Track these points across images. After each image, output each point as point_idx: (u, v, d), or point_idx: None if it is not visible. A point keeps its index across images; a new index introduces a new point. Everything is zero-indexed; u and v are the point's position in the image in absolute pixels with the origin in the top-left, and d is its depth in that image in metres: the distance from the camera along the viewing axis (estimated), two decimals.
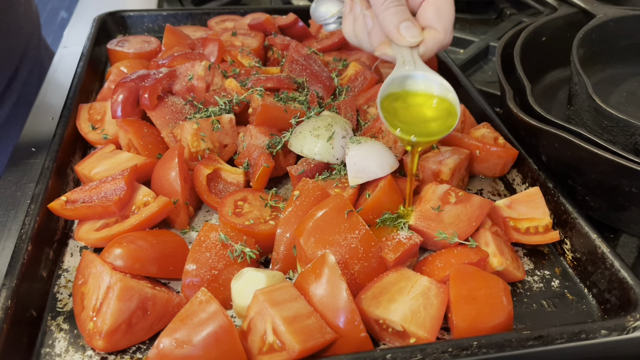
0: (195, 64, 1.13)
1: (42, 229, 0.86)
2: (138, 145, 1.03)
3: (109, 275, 0.77)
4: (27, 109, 1.28)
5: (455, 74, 1.30)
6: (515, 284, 0.89)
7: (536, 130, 0.94)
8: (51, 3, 4.55)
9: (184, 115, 1.08)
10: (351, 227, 0.82)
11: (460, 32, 1.63)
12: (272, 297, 0.73)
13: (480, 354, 0.72)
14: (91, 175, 0.97)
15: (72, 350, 0.76)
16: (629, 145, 0.94)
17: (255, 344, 0.73)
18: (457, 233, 0.86)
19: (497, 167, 1.06)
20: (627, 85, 1.17)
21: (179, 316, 0.72)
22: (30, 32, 1.45)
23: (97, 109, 1.14)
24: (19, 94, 1.40)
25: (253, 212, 0.93)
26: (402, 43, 0.90)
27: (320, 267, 0.76)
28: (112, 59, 1.36)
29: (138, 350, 0.77)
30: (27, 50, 1.44)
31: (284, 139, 1.03)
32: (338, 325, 0.73)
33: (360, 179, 0.94)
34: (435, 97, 0.89)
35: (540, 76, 1.23)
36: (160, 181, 0.95)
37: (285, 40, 1.31)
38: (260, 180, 0.98)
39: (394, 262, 0.82)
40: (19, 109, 1.39)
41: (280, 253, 0.87)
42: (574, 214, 0.91)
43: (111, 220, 0.90)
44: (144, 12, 1.55)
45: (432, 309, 0.76)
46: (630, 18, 1.16)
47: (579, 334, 0.74)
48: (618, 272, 0.82)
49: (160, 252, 0.84)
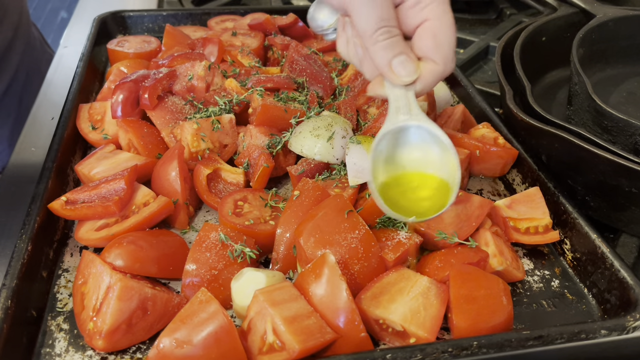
0: (195, 64, 1.13)
1: (42, 229, 0.86)
2: (138, 145, 1.03)
3: (109, 275, 0.77)
4: (24, 108, 1.28)
5: (455, 74, 1.30)
6: (515, 284, 0.89)
7: (536, 130, 0.94)
8: (51, 3, 4.55)
9: (184, 115, 1.08)
10: (351, 227, 0.82)
11: (460, 32, 1.63)
12: (272, 297, 0.73)
13: (480, 354, 0.71)
14: (91, 175, 0.97)
15: (72, 350, 0.76)
16: (629, 145, 0.94)
17: (255, 344, 0.73)
18: (457, 233, 0.86)
19: (497, 167, 1.06)
20: (627, 85, 1.17)
21: (179, 316, 0.72)
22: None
23: (97, 109, 1.14)
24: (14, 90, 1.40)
25: (253, 212, 0.93)
26: (396, 82, 0.76)
27: (320, 267, 0.76)
28: (112, 59, 1.36)
29: (138, 350, 0.77)
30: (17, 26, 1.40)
31: (284, 139, 1.03)
32: (338, 325, 0.73)
33: (360, 179, 0.94)
34: (430, 176, 0.79)
35: (540, 76, 1.23)
36: (160, 181, 0.95)
37: (285, 40, 1.31)
38: (260, 180, 0.98)
39: (394, 262, 0.82)
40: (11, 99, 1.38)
41: (280, 253, 0.87)
42: (574, 214, 0.91)
43: (111, 220, 0.90)
44: (144, 12, 1.55)
45: (432, 309, 0.76)
46: (630, 18, 1.16)
47: (579, 334, 0.74)
48: (618, 272, 0.82)
49: (160, 252, 0.84)
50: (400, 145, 0.80)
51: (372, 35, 0.74)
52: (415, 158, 0.80)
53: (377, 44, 0.75)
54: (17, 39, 1.41)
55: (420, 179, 0.79)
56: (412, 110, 0.77)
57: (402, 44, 0.75)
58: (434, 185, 0.78)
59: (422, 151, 0.79)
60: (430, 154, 0.78)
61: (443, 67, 0.77)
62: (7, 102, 1.38)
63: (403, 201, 0.79)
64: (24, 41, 1.45)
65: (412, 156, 0.80)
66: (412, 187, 0.79)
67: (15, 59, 1.41)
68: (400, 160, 0.80)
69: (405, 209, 0.78)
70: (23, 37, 1.45)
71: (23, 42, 1.45)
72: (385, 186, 0.79)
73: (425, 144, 0.78)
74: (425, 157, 0.79)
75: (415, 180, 0.79)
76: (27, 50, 1.46)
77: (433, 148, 0.78)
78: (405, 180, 0.80)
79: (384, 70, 0.76)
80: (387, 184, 0.79)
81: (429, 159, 0.79)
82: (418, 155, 0.79)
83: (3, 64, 1.37)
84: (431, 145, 0.78)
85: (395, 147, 0.80)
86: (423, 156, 0.79)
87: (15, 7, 1.41)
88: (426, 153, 0.79)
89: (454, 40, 0.77)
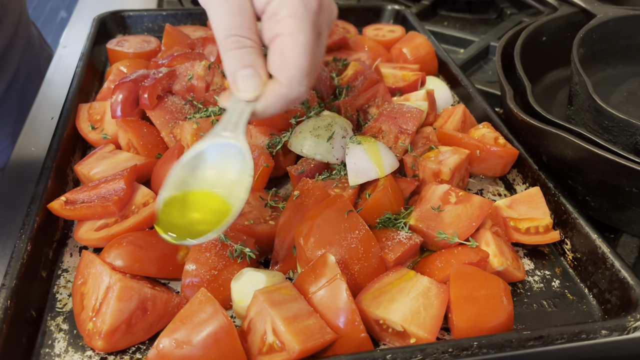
0: (195, 64, 1.12)
1: (41, 229, 0.86)
2: (138, 145, 1.03)
3: (108, 276, 0.77)
4: (25, 107, 1.28)
5: (456, 73, 1.30)
6: (516, 284, 0.88)
7: (536, 130, 0.94)
8: (51, 3, 4.55)
9: (183, 115, 1.07)
10: (351, 227, 0.81)
11: (460, 32, 1.63)
12: (272, 297, 0.73)
13: (480, 354, 0.71)
14: (91, 175, 0.97)
15: (72, 351, 0.76)
16: (629, 145, 0.94)
17: (255, 344, 0.73)
18: (458, 233, 0.86)
19: (497, 167, 1.06)
20: (628, 85, 1.17)
21: (179, 316, 0.72)
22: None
23: (97, 109, 1.14)
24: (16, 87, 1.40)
25: (253, 212, 0.93)
26: (238, 95, 0.73)
27: (320, 267, 0.76)
28: (111, 59, 1.36)
29: (138, 350, 0.77)
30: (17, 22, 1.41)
31: (284, 139, 1.02)
32: (338, 325, 0.73)
33: (360, 179, 0.93)
34: (213, 195, 0.75)
35: (541, 76, 1.23)
36: (160, 181, 0.95)
37: None
38: (260, 180, 0.98)
39: (394, 262, 0.82)
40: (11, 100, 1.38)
41: (280, 253, 0.87)
42: (575, 214, 0.91)
43: (111, 221, 0.90)
44: (144, 11, 1.55)
45: (432, 309, 0.76)
46: (630, 18, 1.16)
47: (580, 334, 0.74)
48: (618, 272, 0.82)
49: (160, 252, 0.84)
50: (200, 163, 0.76)
51: (222, 42, 0.71)
52: (208, 176, 0.76)
53: (225, 52, 0.71)
54: (18, 37, 1.42)
55: (203, 198, 0.76)
56: (238, 130, 0.74)
57: (252, 56, 0.71)
58: (214, 206, 0.75)
59: (219, 170, 0.76)
60: (225, 174, 0.75)
61: (287, 90, 0.72)
62: (10, 98, 1.39)
63: (179, 220, 0.75)
64: (24, 39, 1.46)
65: (207, 174, 0.77)
66: (193, 207, 0.75)
67: (17, 57, 1.41)
68: (193, 178, 0.76)
69: (180, 228, 0.74)
70: (23, 35, 1.45)
71: (23, 40, 1.45)
72: (171, 201, 0.75)
73: (225, 163, 0.75)
74: (218, 177, 0.76)
75: (197, 200, 0.76)
76: (27, 48, 1.47)
77: (232, 168, 0.75)
78: (189, 199, 0.76)
79: (229, 80, 0.73)
80: (174, 200, 0.75)
81: (222, 178, 0.76)
82: (212, 173, 0.76)
83: (4, 61, 1.37)
84: (231, 165, 0.75)
85: (196, 164, 0.76)
86: (217, 175, 0.76)
87: (15, 6, 1.42)
88: (221, 172, 0.76)
89: (304, 63, 0.70)
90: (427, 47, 1.36)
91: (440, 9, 1.80)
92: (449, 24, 1.73)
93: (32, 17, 1.59)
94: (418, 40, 1.37)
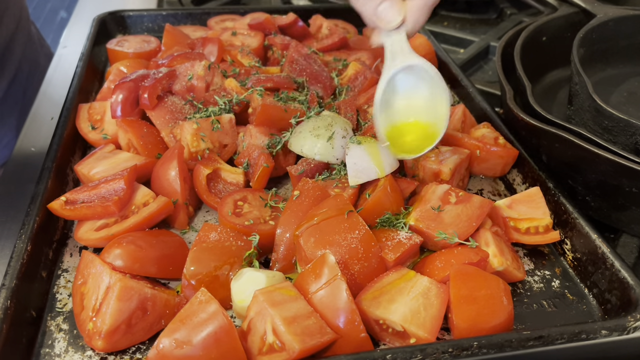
0: (195, 64, 1.12)
1: (41, 229, 0.86)
2: (138, 145, 1.03)
3: (108, 276, 0.77)
4: (27, 102, 1.28)
5: (456, 73, 1.30)
6: (516, 284, 0.88)
7: (537, 130, 0.94)
8: (50, 3, 4.55)
9: (183, 115, 1.07)
10: (351, 227, 0.81)
11: (460, 32, 1.63)
12: (272, 297, 0.73)
13: (480, 354, 0.71)
14: (91, 175, 0.97)
15: (72, 351, 0.76)
16: (629, 145, 0.94)
17: (255, 344, 0.73)
18: (457, 233, 0.86)
19: (497, 167, 1.06)
20: (628, 85, 1.17)
21: (179, 316, 0.72)
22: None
23: (97, 109, 1.14)
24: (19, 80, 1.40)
25: (253, 212, 0.93)
26: (386, 28, 0.83)
27: (320, 267, 0.76)
28: (111, 59, 1.36)
29: (138, 350, 0.77)
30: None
31: (284, 139, 1.02)
32: (338, 325, 0.73)
33: (360, 179, 0.93)
34: (414, 123, 0.89)
35: (541, 76, 1.23)
36: (160, 181, 0.95)
37: (285, 40, 1.31)
38: (260, 180, 0.98)
39: (394, 262, 0.82)
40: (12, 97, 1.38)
41: (280, 253, 0.87)
42: (575, 214, 0.91)
43: (111, 221, 0.90)
44: (144, 11, 1.55)
45: (432, 309, 0.76)
46: (630, 18, 1.16)
47: (580, 334, 0.74)
48: (618, 272, 0.82)
49: (160, 252, 0.84)
50: (391, 94, 0.87)
51: None
52: (401, 107, 0.88)
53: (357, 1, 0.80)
54: (19, 32, 1.43)
55: (406, 127, 0.87)
56: (405, 52, 0.84)
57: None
58: (418, 130, 0.87)
59: (407, 99, 0.87)
60: (415, 100, 0.86)
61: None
62: (13, 93, 1.40)
63: (393, 148, 0.90)
64: (25, 35, 1.47)
65: (400, 104, 0.88)
66: (401, 134, 0.89)
67: (19, 51, 1.42)
68: (391, 110, 0.88)
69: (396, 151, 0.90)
70: (24, 31, 1.46)
71: (24, 35, 1.46)
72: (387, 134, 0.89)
73: (412, 90, 0.85)
74: (409, 105, 0.87)
75: (402, 129, 0.89)
76: (28, 44, 1.47)
77: (420, 93, 0.86)
78: (395, 130, 0.89)
79: (372, 21, 0.82)
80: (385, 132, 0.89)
81: (413, 105, 0.87)
82: (403, 103, 0.87)
83: (7, 56, 1.38)
84: (419, 90, 0.85)
85: (389, 95, 0.88)
86: (407, 104, 0.87)
87: (16, 1, 1.42)
88: (410, 100, 0.87)
89: None
90: (427, 47, 1.36)
91: (440, 9, 1.80)
92: (449, 24, 1.73)
93: (32, 17, 1.59)
94: (418, 41, 1.37)
